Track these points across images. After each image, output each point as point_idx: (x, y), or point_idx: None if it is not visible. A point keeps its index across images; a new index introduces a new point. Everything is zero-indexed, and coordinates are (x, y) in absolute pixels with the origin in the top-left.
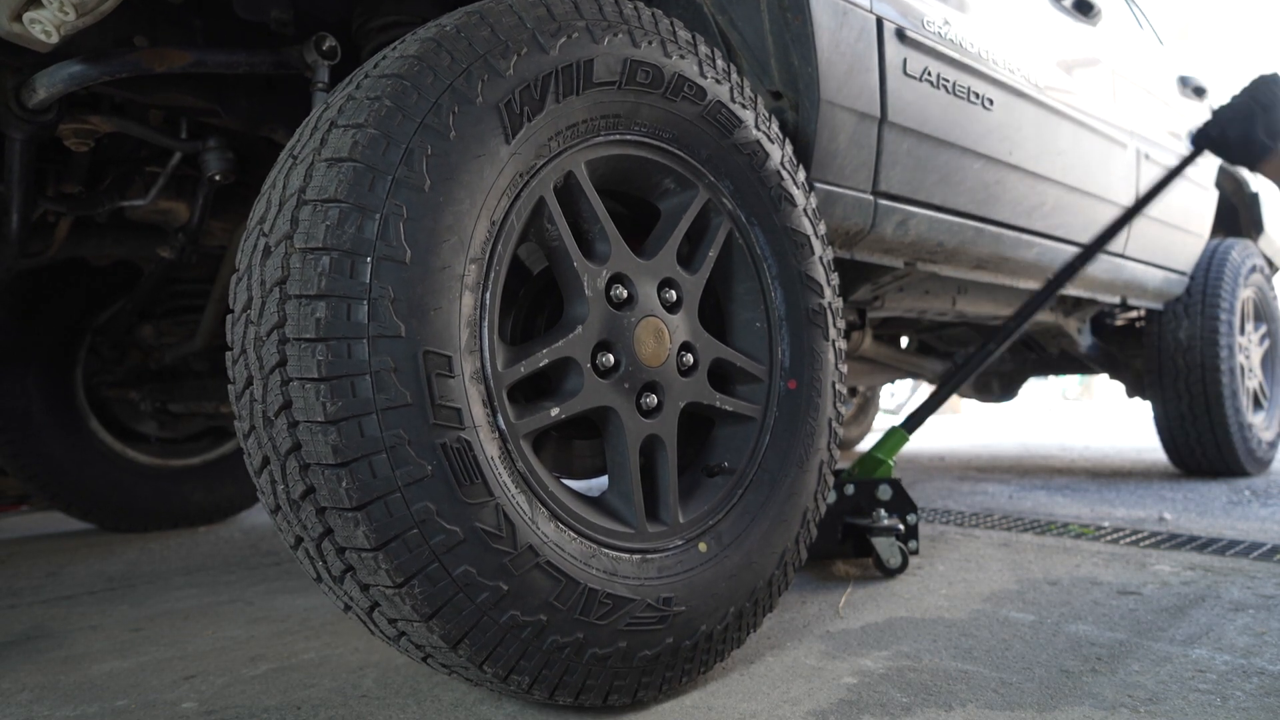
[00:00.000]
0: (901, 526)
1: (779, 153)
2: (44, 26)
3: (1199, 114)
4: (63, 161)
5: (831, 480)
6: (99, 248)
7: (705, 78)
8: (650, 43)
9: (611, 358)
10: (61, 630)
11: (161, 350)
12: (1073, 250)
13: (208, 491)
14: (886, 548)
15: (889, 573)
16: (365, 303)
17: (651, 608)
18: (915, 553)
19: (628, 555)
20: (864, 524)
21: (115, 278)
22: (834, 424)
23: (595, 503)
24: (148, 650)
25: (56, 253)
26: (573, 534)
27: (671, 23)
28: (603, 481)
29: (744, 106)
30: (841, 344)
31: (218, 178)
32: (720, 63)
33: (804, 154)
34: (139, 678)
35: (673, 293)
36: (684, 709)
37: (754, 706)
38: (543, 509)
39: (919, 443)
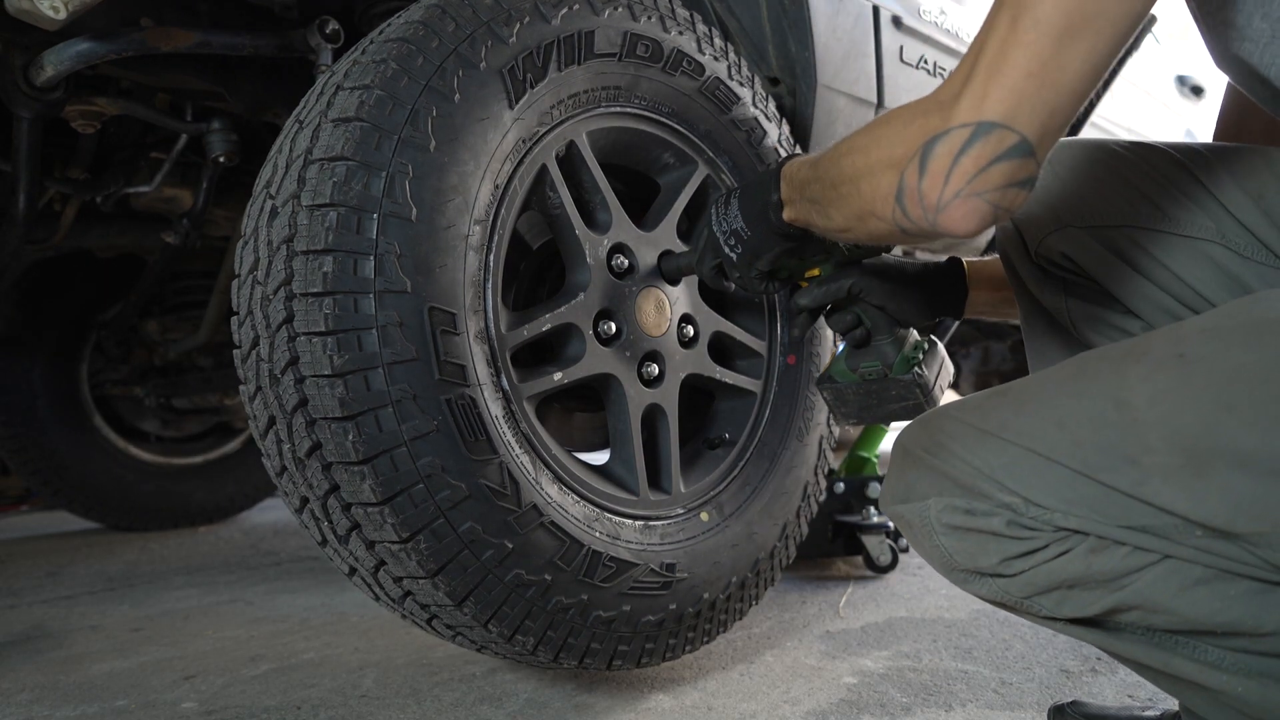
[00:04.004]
0: (891, 524)
1: (776, 130)
2: (52, 2)
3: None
4: (69, 147)
5: (831, 455)
6: (104, 237)
7: (703, 54)
8: (649, 18)
9: (613, 325)
10: (61, 630)
11: (166, 346)
12: None
13: (209, 491)
14: (876, 545)
15: (879, 570)
16: (372, 258)
17: (655, 573)
18: (905, 550)
19: (630, 521)
20: (854, 521)
21: (120, 273)
22: None
23: (598, 470)
24: (148, 650)
25: (62, 241)
26: (576, 497)
27: (671, 0)
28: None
29: (741, 84)
30: None
31: (222, 159)
32: (718, 40)
33: (801, 139)
34: (139, 678)
35: None
36: (684, 709)
37: (754, 706)
38: (546, 470)
39: None
